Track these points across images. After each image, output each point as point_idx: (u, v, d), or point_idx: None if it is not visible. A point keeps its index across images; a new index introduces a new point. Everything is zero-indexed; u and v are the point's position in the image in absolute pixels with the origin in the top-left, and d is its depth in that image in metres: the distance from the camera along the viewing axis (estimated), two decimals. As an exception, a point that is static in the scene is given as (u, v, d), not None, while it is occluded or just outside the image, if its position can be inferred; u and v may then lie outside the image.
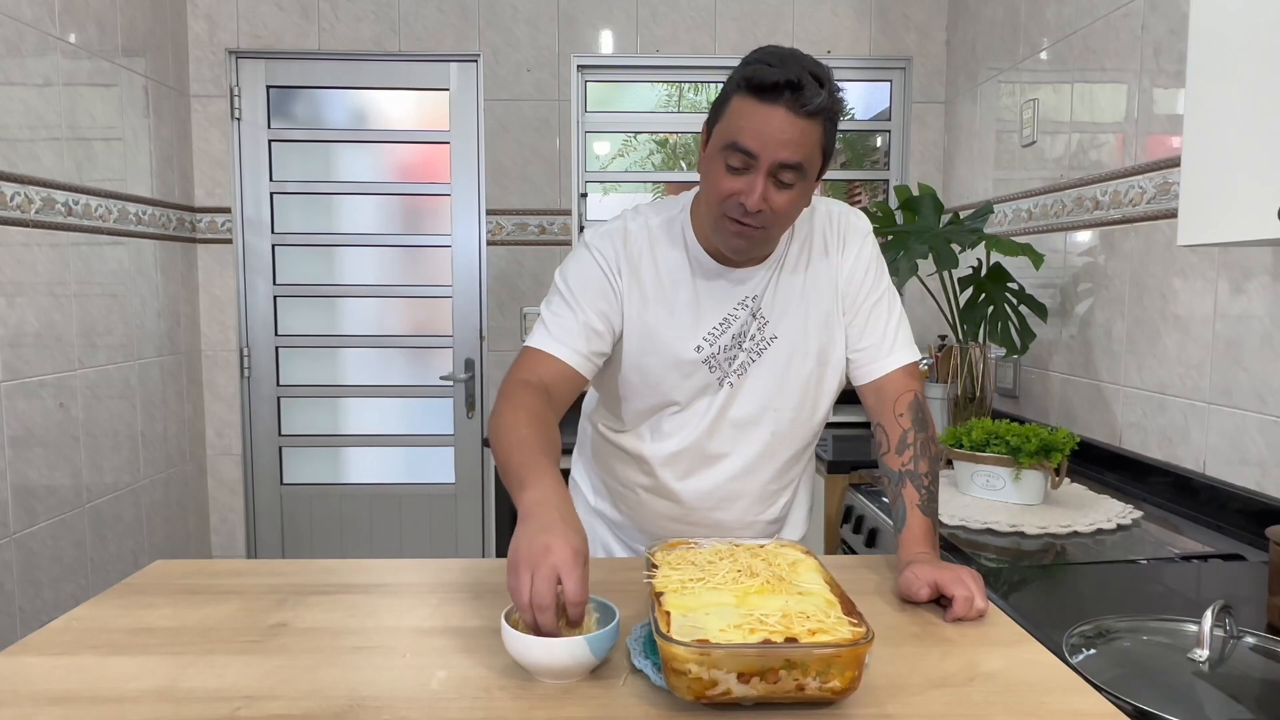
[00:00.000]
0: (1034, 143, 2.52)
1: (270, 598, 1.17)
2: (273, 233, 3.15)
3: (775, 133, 1.14)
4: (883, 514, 1.86)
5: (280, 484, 3.25)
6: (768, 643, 0.84)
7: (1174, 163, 1.86)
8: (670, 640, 0.83)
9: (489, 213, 3.14)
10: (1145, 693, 0.94)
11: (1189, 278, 1.85)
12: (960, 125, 3.06)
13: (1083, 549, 1.55)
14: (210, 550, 3.20)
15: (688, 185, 2.65)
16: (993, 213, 2.59)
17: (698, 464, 1.39)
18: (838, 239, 1.36)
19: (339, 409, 3.30)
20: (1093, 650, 1.07)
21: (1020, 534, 1.61)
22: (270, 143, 3.13)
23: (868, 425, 1.38)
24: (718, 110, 1.21)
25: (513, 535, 0.96)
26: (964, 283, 2.44)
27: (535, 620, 0.91)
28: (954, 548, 1.53)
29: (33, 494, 2.24)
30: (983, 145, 2.88)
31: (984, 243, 2.29)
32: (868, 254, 1.37)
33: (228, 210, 3.10)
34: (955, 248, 2.30)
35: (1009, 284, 2.38)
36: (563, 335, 1.27)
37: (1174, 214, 1.42)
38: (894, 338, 1.35)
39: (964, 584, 1.10)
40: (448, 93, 3.14)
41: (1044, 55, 2.47)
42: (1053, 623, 1.13)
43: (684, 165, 3.45)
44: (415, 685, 0.93)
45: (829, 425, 1.50)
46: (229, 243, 3.11)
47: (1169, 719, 0.89)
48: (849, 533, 2.05)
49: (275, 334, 3.20)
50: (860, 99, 3.32)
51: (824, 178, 1.28)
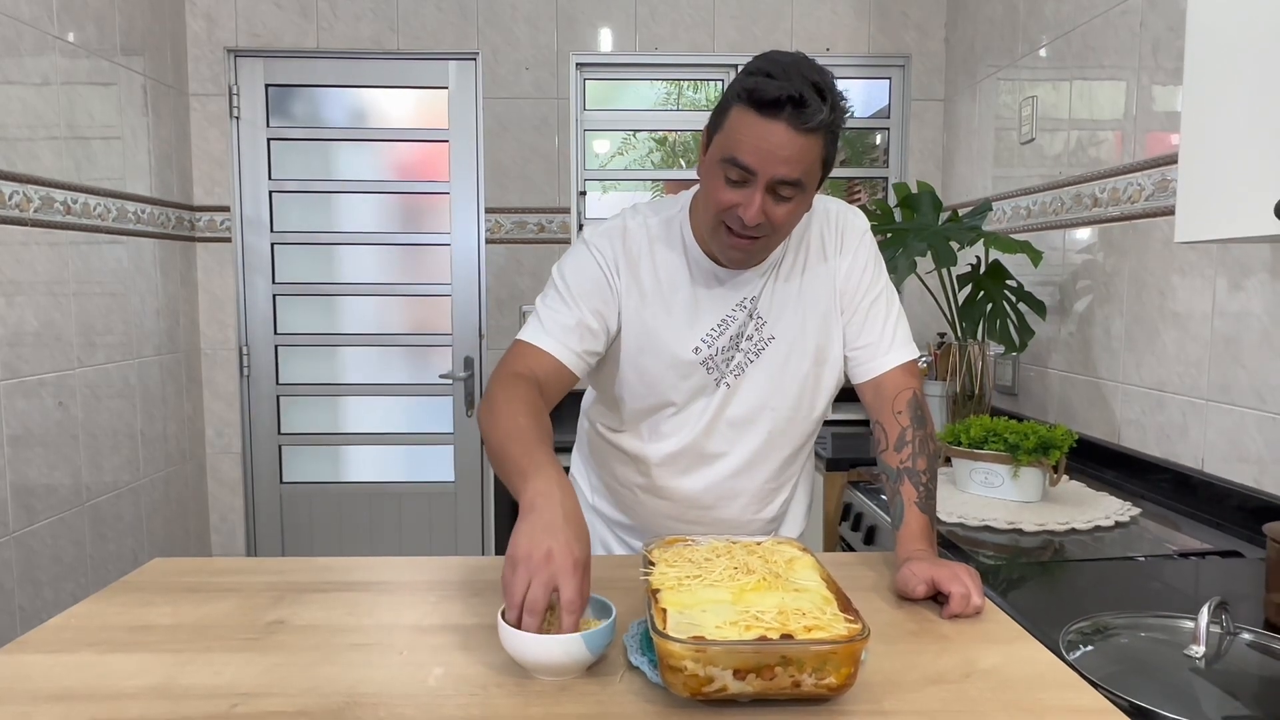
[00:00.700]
0: (1033, 140, 2.52)
1: (268, 595, 1.18)
2: (272, 231, 3.15)
3: (775, 149, 1.13)
4: (881, 511, 1.86)
5: (280, 483, 3.25)
6: (764, 639, 0.84)
7: (1173, 160, 1.85)
8: (666, 637, 0.84)
9: (488, 211, 3.14)
10: (1142, 689, 0.94)
11: (1188, 275, 1.85)
12: (959, 123, 3.06)
13: (1081, 546, 1.55)
14: (210, 549, 3.20)
15: (687, 183, 2.65)
16: (991, 210, 2.59)
17: (695, 463, 1.39)
18: (835, 238, 1.36)
19: (338, 408, 3.30)
20: (1090, 647, 1.07)
21: (1018, 531, 1.61)
22: (269, 141, 3.13)
23: (867, 423, 1.38)
24: (718, 118, 1.20)
25: (514, 526, 0.96)
26: (963, 280, 2.44)
27: (521, 621, 0.91)
28: (952, 545, 1.54)
29: (32, 493, 2.24)
30: (982, 143, 2.88)
31: (983, 240, 2.29)
32: (866, 252, 1.37)
33: (227, 209, 3.10)
34: (954, 245, 2.31)
35: (1008, 281, 2.38)
36: (557, 331, 1.27)
37: (1173, 211, 1.42)
38: (892, 335, 1.35)
39: (961, 581, 1.10)
40: (447, 91, 3.14)
41: (1043, 53, 2.47)
42: (1050, 619, 1.13)
43: (683, 163, 3.45)
44: (412, 682, 0.93)
45: (828, 423, 1.50)
46: (228, 241, 3.11)
47: (1166, 715, 0.89)
48: (848, 530, 2.05)
49: (275, 333, 3.20)
50: (859, 97, 3.31)
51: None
